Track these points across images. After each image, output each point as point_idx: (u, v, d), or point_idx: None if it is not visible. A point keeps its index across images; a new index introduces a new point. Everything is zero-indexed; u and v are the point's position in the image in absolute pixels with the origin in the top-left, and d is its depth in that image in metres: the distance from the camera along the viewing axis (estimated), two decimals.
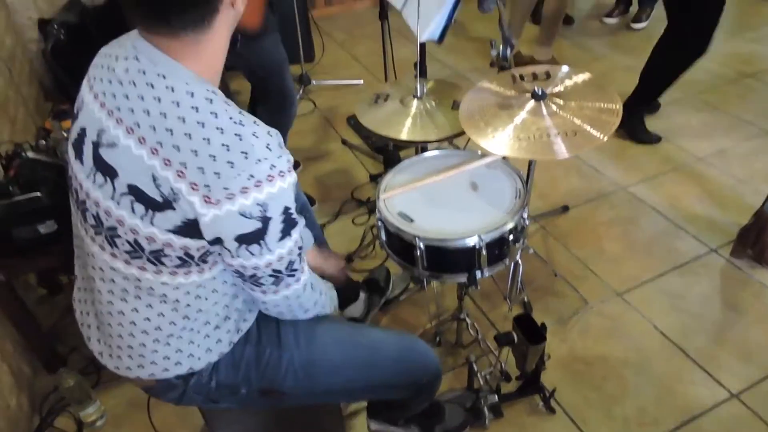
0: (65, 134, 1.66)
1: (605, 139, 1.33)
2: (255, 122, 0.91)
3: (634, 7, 3.89)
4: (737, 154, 2.64)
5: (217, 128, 0.87)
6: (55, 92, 3.23)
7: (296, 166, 2.53)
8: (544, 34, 3.28)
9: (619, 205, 2.40)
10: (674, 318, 1.90)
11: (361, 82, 3.36)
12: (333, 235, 2.29)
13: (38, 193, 1.52)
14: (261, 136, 0.89)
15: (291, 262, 0.99)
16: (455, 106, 1.57)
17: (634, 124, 2.71)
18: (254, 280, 0.99)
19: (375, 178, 2.58)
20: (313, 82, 3.28)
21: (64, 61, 1.55)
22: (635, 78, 2.67)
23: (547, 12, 3.20)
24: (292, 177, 0.92)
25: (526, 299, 1.96)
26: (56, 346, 1.90)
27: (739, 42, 3.63)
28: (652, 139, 2.74)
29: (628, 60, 3.33)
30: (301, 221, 0.99)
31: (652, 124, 2.80)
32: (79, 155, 0.97)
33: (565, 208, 2.38)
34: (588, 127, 1.34)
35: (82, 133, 0.96)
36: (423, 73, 1.76)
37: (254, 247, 0.93)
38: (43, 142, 1.68)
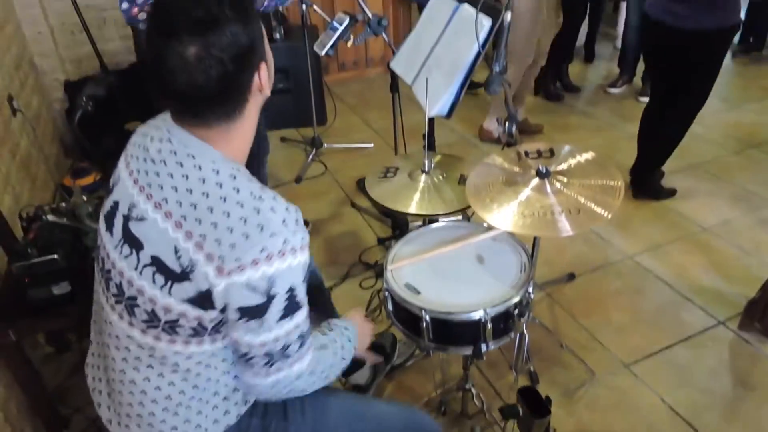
0: (85, 198, 1.72)
1: (609, 216, 1.36)
2: (275, 198, 0.95)
3: (639, 77, 4.02)
4: (743, 225, 2.66)
5: (238, 202, 0.92)
6: (75, 150, 3.35)
7: (305, 224, 2.57)
8: (493, 106, 3.46)
9: (625, 274, 2.41)
10: (683, 392, 1.88)
11: (372, 146, 3.45)
12: (340, 298, 2.30)
13: (55, 256, 1.56)
14: (278, 210, 0.93)
15: (286, 346, 0.99)
16: (462, 180, 1.62)
17: (651, 186, 2.83)
18: (246, 359, 0.99)
19: (383, 242, 2.62)
20: (325, 145, 3.38)
21: (90, 131, 1.63)
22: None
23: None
24: (304, 256, 0.95)
25: (532, 369, 1.95)
26: (59, 407, 1.90)
27: (741, 113, 3.72)
28: (671, 194, 2.85)
29: (633, 128, 3.37)
30: (305, 308, 1.00)
31: None
32: (109, 227, 1.02)
33: (572, 276, 2.39)
34: (592, 205, 1.38)
35: (115, 206, 1.01)
36: (431, 146, 1.82)
37: (253, 323, 0.95)
38: (63, 204, 1.74)
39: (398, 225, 2.52)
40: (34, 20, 3.25)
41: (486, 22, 1.60)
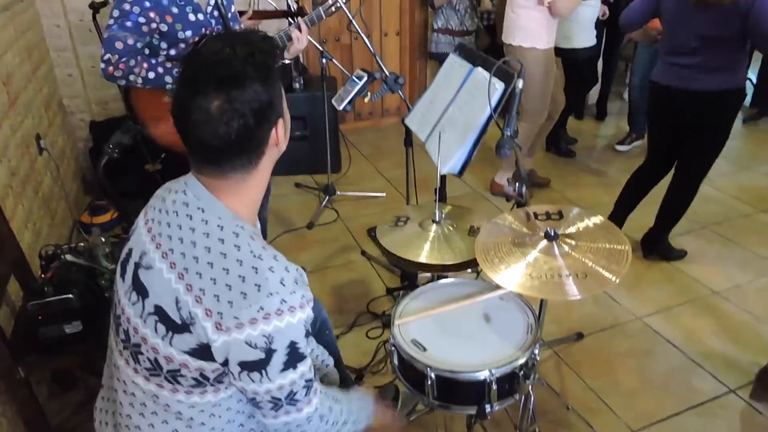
0: (103, 239, 1.76)
1: (617, 281, 1.37)
2: (275, 257, 0.98)
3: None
4: (753, 290, 2.65)
5: (237, 260, 0.95)
6: (94, 187, 3.43)
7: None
8: (504, 162, 3.47)
9: (634, 336, 2.39)
10: None
11: (384, 195, 3.50)
12: (346, 347, 2.30)
13: (70, 295, 1.60)
14: (277, 270, 0.96)
15: (292, 393, 1.00)
16: (472, 231, 1.66)
17: (662, 247, 2.85)
18: (254, 402, 1.02)
19: (392, 292, 2.63)
20: (338, 192, 3.43)
21: (111, 171, 1.70)
22: (649, 204, 2.79)
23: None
24: (304, 313, 0.96)
25: (537, 430, 1.91)
26: None
27: (752, 176, 3.74)
28: (681, 255, 2.87)
29: None
30: (309, 359, 1.02)
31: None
32: (123, 273, 1.05)
33: (580, 336, 2.37)
34: (600, 269, 1.39)
35: (129, 253, 1.05)
36: (442, 198, 1.86)
37: (255, 375, 0.96)
38: (82, 244, 1.78)
39: (407, 276, 2.54)
40: (66, 63, 3.40)
41: (499, 86, 1.67)
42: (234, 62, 0.93)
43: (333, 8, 2.19)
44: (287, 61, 2.27)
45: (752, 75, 4.63)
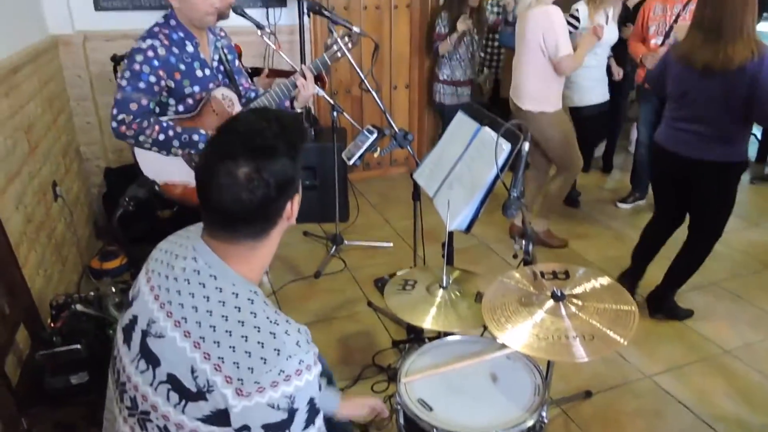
0: (113, 289, 1.78)
1: (625, 343, 1.37)
2: (288, 321, 1.00)
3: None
4: (765, 349, 2.61)
5: (255, 327, 0.96)
6: (106, 233, 3.48)
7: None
8: (544, 207, 3.50)
9: (643, 395, 2.35)
10: None
11: (391, 245, 3.52)
12: None
13: (78, 346, 1.60)
14: (292, 333, 0.98)
15: None
16: (478, 298, 1.66)
17: (670, 307, 2.81)
18: None
19: (397, 344, 2.61)
20: (345, 242, 3.46)
21: (126, 223, 1.74)
22: (658, 260, 2.79)
23: (550, 190, 3.42)
24: (318, 368, 0.99)
25: None
26: None
27: (761, 232, 3.74)
28: (689, 314, 2.82)
29: None
30: (321, 412, 1.03)
31: None
32: (127, 340, 1.06)
33: (588, 394, 2.33)
34: (607, 331, 1.39)
35: (134, 320, 1.06)
36: (450, 260, 1.87)
37: None
38: (92, 293, 1.80)
39: (413, 329, 2.52)
40: (85, 111, 3.51)
41: (506, 147, 1.71)
42: (267, 134, 0.99)
43: (338, 53, 2.24)
44: (299, 110, 2.33)
45: (757, 131, 4.69)
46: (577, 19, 3.58)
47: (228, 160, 0.96)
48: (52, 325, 1.69)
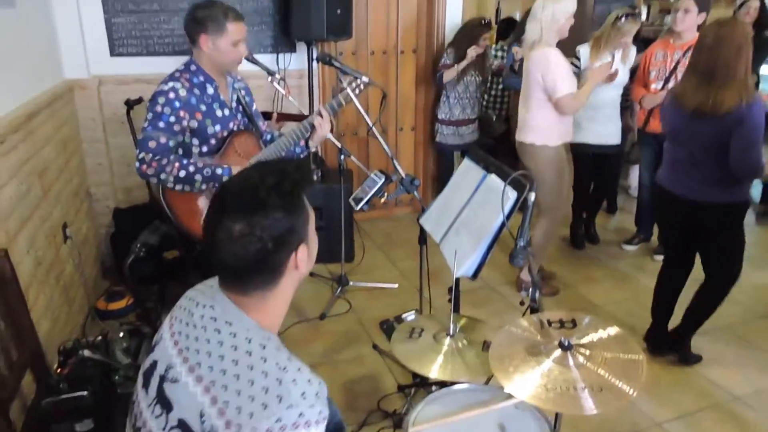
0: (121, 334, 1.79)
1: (634, 394, 1.36)
2: (299, 369, 0.99)
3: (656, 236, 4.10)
4: None
5: (263, 372, 0.97)
6: (113, 273, 3.49)
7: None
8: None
9: None
10: None
11: (396, 286, 3.52)
12: None
13: (84, 393, 1.60)
14: (300, 383, 0.96)
15: None
16: (485, 347, 1.66)
17: (683, 351, 2.79)
18: None
19: (403, 389, 2.58)
20: (351, 283, 3.46)
21: (135, 269, 1.76)
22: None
23: (534, 237, 3.32)
24: (319, 429, 0.96)
25: None
26: None
27: (767, 274, 3.72)
28: (698, 359, 2.80)
29: (653, 284, 3.38)
30: None
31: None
32: (146, 385, 1.07)
33: None
34: (616, 381, 1.38)
35: (154, 365, 1.08)
36: (456, 308, 1.88)
37: None
38: (100, 338, 1.81)
39: (419, 374, 2.50)
40: (97, 153, 3.57)
41: (512, 195, 1.73)
42: (260, 190, 1.01)
43: (357, 90, 2.30)
44: (312, 150, 2.39)
45: None
46: (579, 59, 3.65)
47: (224, 216, 1.00)
48: (59, 371, 1.69)
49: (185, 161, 2.05)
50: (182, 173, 2.02)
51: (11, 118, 2.24)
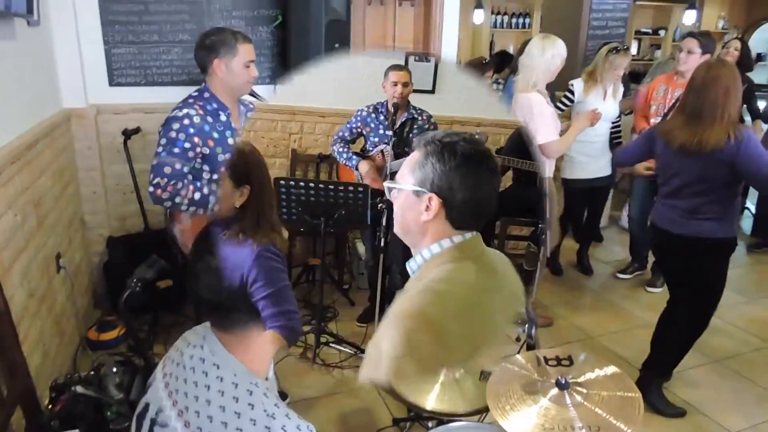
0: (114, 369, 1.77)
1: None
2: (287, 415, 0.99)
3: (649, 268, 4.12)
4: None
5: (251, 419, 0.96)
6: (105, 301, 3.46)
7: (284, 397, 2.58)
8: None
9: None
10: None
11: None
12: None
13: (76, 431, 1.58)
14: (289, 430, 0.97)
15: None
16: (483, 377, 1.65)
17: (652, 397, 2.61)
18: None
19: (398, 422, 2.55)
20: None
21: (132, 304, 1.75)
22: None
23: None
24: None
25: None
26: None
27: (760, 307, 3.74)
28: (677, 412, 2.66)
29: (647, 316, 3.39)
30: None
31: (679, 390, 2.79)
32: (138, 428, 1.07)
33: None
34: (614, 421, 1.38)
35: (146, 408, 1.07)
36: None
37: None
38: (92, 373, 1.79)
39: (414, 406, 2.48)
40: (92, 181, 3.57)
41: None
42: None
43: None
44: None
45: (751, 205, 4.76)
46: (572, 93, 3.71)
47: (206, 254, 1.06)
48: (50, 407, 1.67)
49: (199, 184, 2.08)
50: (197, 195, 2.05)
51: (10, 148, 2.25)
